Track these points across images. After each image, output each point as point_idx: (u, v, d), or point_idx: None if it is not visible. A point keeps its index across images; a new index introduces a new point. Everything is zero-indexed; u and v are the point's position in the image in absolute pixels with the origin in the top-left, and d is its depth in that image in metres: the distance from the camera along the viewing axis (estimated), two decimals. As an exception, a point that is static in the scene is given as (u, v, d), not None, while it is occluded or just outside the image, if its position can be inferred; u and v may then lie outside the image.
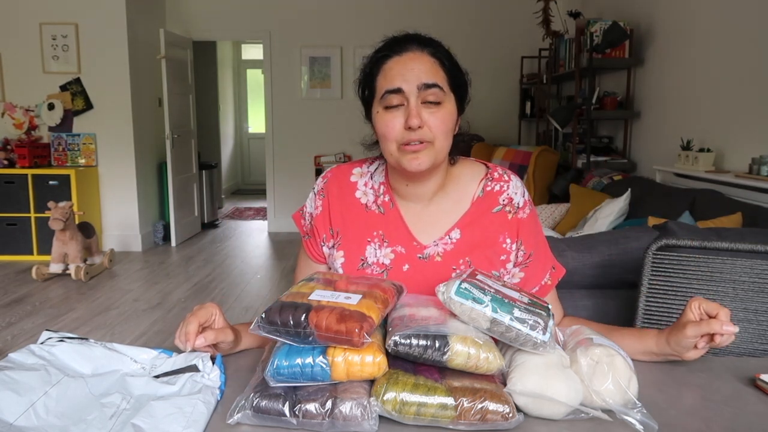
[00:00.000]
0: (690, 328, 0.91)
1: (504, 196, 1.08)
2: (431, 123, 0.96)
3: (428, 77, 0.96)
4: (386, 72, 0.98)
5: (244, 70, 9.55)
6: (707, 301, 0.94)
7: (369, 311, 0.78)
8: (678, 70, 3.52)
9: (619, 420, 0.77)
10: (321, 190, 1.12)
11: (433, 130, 0.97)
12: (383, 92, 0.97)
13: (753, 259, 1.34)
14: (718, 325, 0.89)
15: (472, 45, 5.64)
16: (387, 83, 0.97)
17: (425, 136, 0.96)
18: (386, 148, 1.00)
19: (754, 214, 2.31)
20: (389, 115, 0.98)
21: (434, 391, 0.74)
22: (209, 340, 0.89)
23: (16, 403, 0.74)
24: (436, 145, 0.98)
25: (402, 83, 0.96)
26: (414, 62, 0.97)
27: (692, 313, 0.94)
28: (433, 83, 0.96)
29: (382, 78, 0.99)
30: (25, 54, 4.89)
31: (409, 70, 0.96)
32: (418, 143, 0.96)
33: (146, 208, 5.32)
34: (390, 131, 0.98)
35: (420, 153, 0.97)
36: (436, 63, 0.98)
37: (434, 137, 0.97)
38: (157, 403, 0.75)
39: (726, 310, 0.91)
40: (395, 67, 0.97)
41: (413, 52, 0.98)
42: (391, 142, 0.98)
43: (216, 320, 0.92)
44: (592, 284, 1.83)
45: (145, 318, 3.45)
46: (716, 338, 0.90)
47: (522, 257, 1.08)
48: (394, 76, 0.97)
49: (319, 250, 1.13)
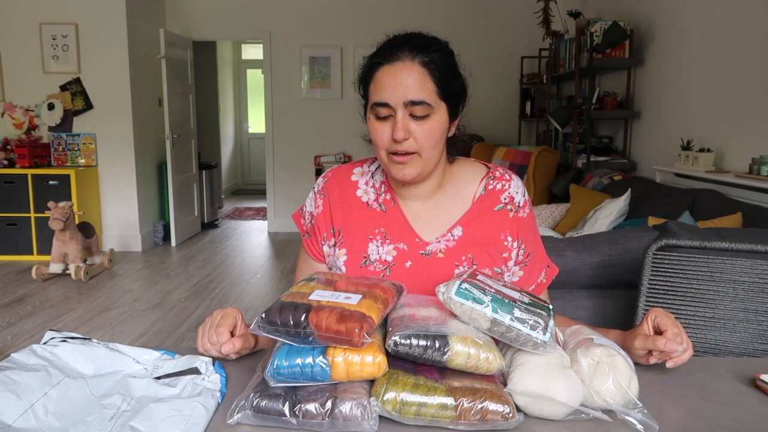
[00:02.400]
0: (638, 339, 0.93)
1: (505, 195, 1.09)
2: (418, 135, 0.98)
3: (415, 93, 0.96)
4: (377, 82, 0.99)
5: (244, 70, 9.55)
6: (663, 315, 0.94)
7: (369, 311, 0.78)
8: (678, 70, 3.52)
9: (619, 420, 0.77)
10: (322, 189, 1.13)
11: (419, 142, 0.98)
12: (372, 103, 0.99)
13: (753, 259, 1.34)
14: (663, 343, 0.89)
15: (472, 45, 5.64)
16: (377, 94, 0.98)
17: (410, 147, 0.98)
18: (378, 153, 1.03)
19: (754, 214, 2.31)
20: (379, 124, 1.00)
21: (434, 391, 0.74)
22: (237, 347, 0.90)
23: (15, 404, 0.74)
24: (423, 156, 1.00)
25: (389, 97, 0.96)
26: (403, 73, 0.96)
27: (646, 325, 0.94)
28: (419, 101, 0.96)
29: (373, 87, 1.00)
30: (25, 54, 4.88)
31: (398, 83, 0.96)
32: (404, 154, 0.99)
33: (146, 208, 5.32)
34: (379, 139, 1.00)
35: (406, 164, 1.00)
36: (426, 74, 0.97)
37: (420, 149, 0.99)
38: (156, 406, 0.75)
39: (676, 329, 0.91)
40: (385, 78, 0.97)
41: (403, 62, 0.97)
42: (381, 150, 1.02)
43: (239, 326, 0.93)
44: (592, 284, 1.83)
45: (145, 318, 3.44)
46: (663, 356, 0.90)
47: (522, 256, 1.10)
48: (383, 87, 0.97)
49: (319, 249, 1.13)
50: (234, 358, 0.94)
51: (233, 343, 0.90)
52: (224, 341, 0.89)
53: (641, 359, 0.94)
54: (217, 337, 0.90)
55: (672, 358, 0.90)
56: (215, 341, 0.90)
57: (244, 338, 0.92)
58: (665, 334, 0.90)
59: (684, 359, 0.90)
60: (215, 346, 0.90)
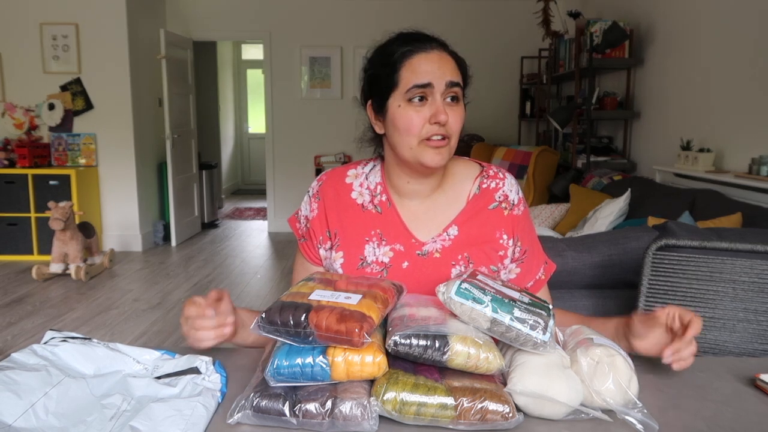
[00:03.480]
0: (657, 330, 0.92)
1: (500, 193, 1.10)
2: (451, 120, 0.99)
3: (453, 75, 0.99)
4: (414, 66, 0.99)
5: (244, 70, 9.55)
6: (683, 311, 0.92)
7: (369, 311, 0.78)
8: (678, 70, 3.52)
9: (619, 420, 0.77)
10: (316, 192, 1.13)
11: (452, 126, 1.00)
12: (410, 86, 0.98)
13: (753, 259, 1.34)
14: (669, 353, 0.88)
15: (472, 45, 5.63)
16: (415, 78, 0.98)
17: (448, 131, 0.99)
18: (406, 142, 1.00)
19: (754, 214, 2.31)
20: (413, 110, 0.99)
21: (434, 391, 0.74)
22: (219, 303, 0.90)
23: (15, 404, 0.74)
24: (451, 143, 1.01)
25: (432, 78, 0.98)
26: (442, 60, 1.00)
27: (664, 317, 0.92)
28: (457, 82, 1.00)
29: (408, 72, 0.99)
30: (26, 54, 4.88)
31: (438, 66, 0.99)
32: (441, 138, 0.99)
33: (146, 208, 5.32)
34: (415, 125, 0.99)
35: (442, 149, 1.00)
36: (455, 63, 1.02)
37: (452, 134, 1.00)
38: (157, 405, 0.75)
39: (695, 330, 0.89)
40: (424, 62, 0.99)
41: (439, 51, 1.01)
42: (412, 137, 0.99)
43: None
44: (592, 284, 1.83)
45: (145, 318, 3.45)
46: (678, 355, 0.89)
47: (518, 253, 1.10)
48: (424, 71, 0.98)
49: (315, 253, 1.13)
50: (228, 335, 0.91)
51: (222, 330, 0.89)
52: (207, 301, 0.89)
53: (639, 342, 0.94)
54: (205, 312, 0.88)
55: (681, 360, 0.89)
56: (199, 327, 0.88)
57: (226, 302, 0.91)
58: (690, 329, 0.88)
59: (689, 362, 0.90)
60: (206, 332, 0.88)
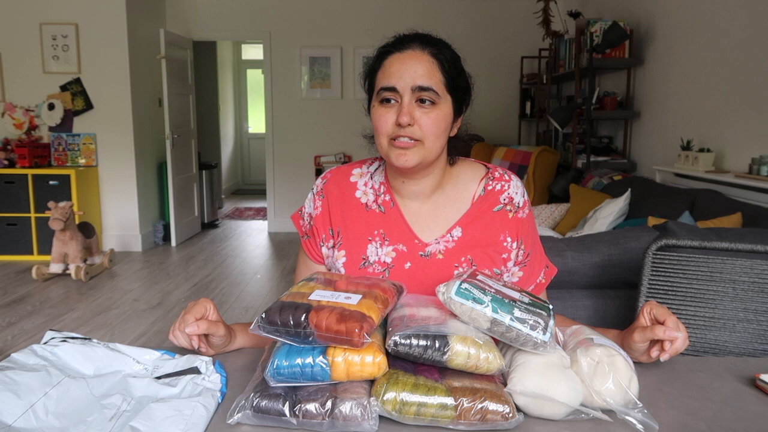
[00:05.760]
0: (637, 333, 0.92)
1: (505, 196, 1.09)
2: (423, 122, 0.98)
3: (423, 80, 0.97)
4: (385, 68, 1.00)
5: (244, 70, 9.54)
6: (658, 307, 0.94)
7: (369, 311, 0.78)
8: (678, 70, 3.52)
9: (619, 420, 0.77)
10: (321, 190, 1.12)
11: (423, 129, 0.98)
12: (379, 88, 1.00)
13: (753, 259, 1.34)
14: (662, 331, 0.89)
15: (472, 45, 5.64)
16: (384, 80, 0.99)
17: (414, 134, 0.98)
18: (378, 141, 1.02)
19: (754, 214, 2.31)
20: (383, 110, 1.00)
21: (434, 391, 0.74)
22: (202, 328, 0.90)
23: (15, 404, 0.74)
24: (425, 145, 0.99)
25: (397, 81, 0.97)
26: (412, 60, 0.98)
27: (643, 318, 0.94)
28: (427, 87, 0.97)
29: (381, 73, 1.01)
30: (25, 54, 4.88)
31: (407, 69, 0.97)
32: (407, 140, 0.98)
33: (146, 208, 5.32)
34: (382, 125, 1.00)
35: (408, 150, 0.99)
36: (435, 64, 0.99)
37: (424, 137, 0.98)
38: (157, 406, 0.75)
39: (673, 317, 0.91)
40: (394, 64, 0.99)
41: (413, 51, 0.99)
42: (382, 136, 1.01)
43: (210, 314, 0.94)
44: (592, 284, 1.83)
45: (145, 318, 3.44)
46: (665, 345, 0.90)
47: (522, 256, 1.10)
48: (391, 73, 0.98)
49: (318, 251, 1.13)
50: (205, 351, 0.94)
51: (198, 325, 0.90)
52: (187, 321, 0.90)
53: (641, 356, 0.94)
54: (184, 324, 0.90)
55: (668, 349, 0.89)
56: (182, 328, 0.91)
57: (212, 324, 0.92)
58: (665, 323, 0.90)
59: (678, 347, 0.89)
60: (183, 333, 0.91)
